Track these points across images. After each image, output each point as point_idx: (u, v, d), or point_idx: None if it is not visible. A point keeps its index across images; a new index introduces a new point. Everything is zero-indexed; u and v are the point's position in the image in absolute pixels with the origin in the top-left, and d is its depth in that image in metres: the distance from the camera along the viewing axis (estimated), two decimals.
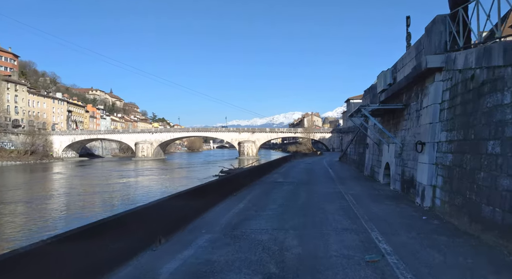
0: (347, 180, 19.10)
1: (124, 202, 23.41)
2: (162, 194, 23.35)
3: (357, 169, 26.00)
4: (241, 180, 15.99)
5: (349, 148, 32.41)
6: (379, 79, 17.54)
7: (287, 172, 24.57)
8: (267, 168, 25.33)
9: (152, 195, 23.91)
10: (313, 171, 25.44)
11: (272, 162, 31.99)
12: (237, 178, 15.94)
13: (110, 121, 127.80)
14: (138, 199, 23.77)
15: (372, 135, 19.99)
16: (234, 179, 15.44)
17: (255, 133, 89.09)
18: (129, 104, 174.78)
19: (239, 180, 15.70)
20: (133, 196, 25.94)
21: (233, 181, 14.98)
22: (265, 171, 23.84)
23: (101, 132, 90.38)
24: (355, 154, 28.01)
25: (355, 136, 28.82)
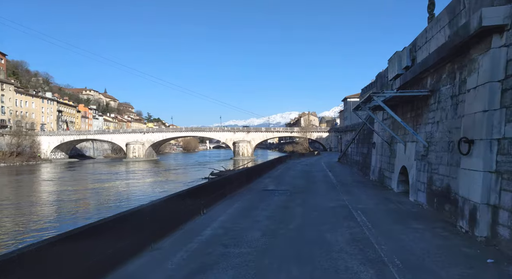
0: (351, 187, 15.67)
1: (79, 215, 19.89)
2: (116, 209, 19.82)
3: (360, 172, 22.60)
4: (221, 188, 12.52)
5: (350, 148, 29.07)
6: (391, 63, 14.12)
7: (281, 176, 21.12)
8: (259, 171, 21.91)
9: (111, 207, 20.40)
10: (311, 175, 22.02)
11: (265, 164, 28.58)
12: (216, 186, 12.43)
13: (102, 121, 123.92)
14: (95, 212, 20.26)
15: (381, 132, 16.56)
16: (211, 188, 11.89)
17: (250, 132, 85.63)
18: (123, 104, 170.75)
19: (218, 188, 12.22)
20: (93, 208, 22.42)
21: (209, 190, 11.44)
22: (256, 174, 20.42)
23: (91, 133, 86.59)
24: (358, 154, 24.62)
25: (357, 134, 25.43)
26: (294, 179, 19.40)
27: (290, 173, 23.23)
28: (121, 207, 19.67)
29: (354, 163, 26.20)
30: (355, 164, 25.76)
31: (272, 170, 26.09)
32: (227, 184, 13.98)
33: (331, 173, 22.94)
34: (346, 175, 21.13)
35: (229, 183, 14.19)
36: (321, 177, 20.51)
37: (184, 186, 24.68)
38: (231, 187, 13.93)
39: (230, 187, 13.77)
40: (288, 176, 21.36)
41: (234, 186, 14.44)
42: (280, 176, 21.14)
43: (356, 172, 23.07)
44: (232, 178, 15.34)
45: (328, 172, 23.83)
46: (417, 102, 11.56)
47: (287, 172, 23.96)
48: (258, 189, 15.16)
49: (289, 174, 22.24)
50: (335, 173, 22.56)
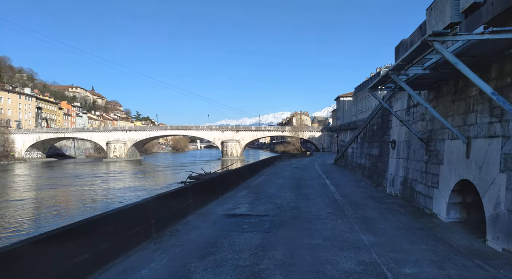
0: (366, 208, 9.99)
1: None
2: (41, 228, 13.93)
3: (368, 179, 17.01)
4: (149, 216, 6.84)
5: (350, 148, 23.52)
6: (436, 8, 8.46)
7: (263, 187, 15.40)
8: (236, 177, 16.26)
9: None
10: (303, 184, 16.34)
11: (249, 167, 22.92)
12: (150, 209, 6.80)
13: (87, 119, 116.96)
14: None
15: (415, 123, 10.92)
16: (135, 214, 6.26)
17: (240, 131, 79.83)
18: (111, 102, 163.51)
19: (143, 217, 6.56)
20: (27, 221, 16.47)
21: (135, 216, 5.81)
22: (232, 183, 14.78)
23: (69, 130, 79.91)
24: (363, 157, 19.02)
25: (362, 131, 19.82)
26: (280, 191, 13.67)
27: (277, 181, 17.50)
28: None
29: (357, 167, 20.61)
30: (359, 169, 20.16)
31: (255, 175, 20.39)
32: (179, 201, 8.36)
33: (329, 181, 17.28)
34: (351, 186, 15.46)
35: (178, 202, 8.50)
36: (317, 187, 14.82)
37: (152, 192, 18.95)
38: (174, 211, 8.21)
39: (171, 212, 8.05)
40: (272, 185, 15.63)
41: (182, 208, 8.72)
42: (262, 186, 15.41)
43: (362, 180, 17.44)
44: (187, 193, 9.62)
45: (326, 179, 18.17)
46: (501, 64, 5.96)
47: (272, 179, 18.25)
48: (219, 213, 9.42)
49: (275, 183, 16.52)
50: (335, 182, 16.90)
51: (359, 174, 19.91)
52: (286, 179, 18.45)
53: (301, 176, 20.21)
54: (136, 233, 6.40)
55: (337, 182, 16.52)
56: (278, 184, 16.15)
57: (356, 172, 20.89)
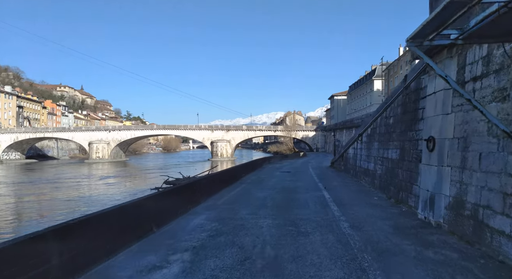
0: (405, 262, 5.30)
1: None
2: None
3: (381, 191, 12.38)
4: None
5: (352, 149, 18.91)
6: None
7: (235, 205, 10.66)
8: (202, 188, 11.62)
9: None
10: (293, 199, 11.62)
11: (227, 172, 18.29)
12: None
13: (73, 119, 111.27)
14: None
15: (483, 107, 6.22)
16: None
17: (230, 131, 75.06)
18: (101, 101, 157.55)
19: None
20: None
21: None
22: (190, 198, 10.13)
23: (49, 130, 74.39)
24: (372, 160, 14.35)
25: (370, 126, 15.19)
26: (257, 215, 8.89)
27: (258, 194, 12.73)
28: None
29: (362, 174, 15.98)
30: (364, 175, 15.52)
31: (233, 183, 15.68)
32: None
33: (328, 193, 12.56)
34: (360, 204, 10.72)
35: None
36: (312, 207, 10.09)
37: (117, 201, 14.19)
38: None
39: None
40: (249, 203, 10.85)
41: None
42: (233, 205, 10.66)
43: (372, 193, 12.77)
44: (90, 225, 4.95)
45: (323, 190, 13.45)
46: None
47: (253, 192, 13.49)
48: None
49: (254, 199, 11.76)
50: (337, 195, 12.18)
51: (365, 182, 15.27)
52: (271, 190, 13.71)
53: (291, 185, 15.48)
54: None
55: (339, 197, 11.83)
56: (258, 200, 11.40)
57: (360, 179, 16.24)
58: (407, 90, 10.57)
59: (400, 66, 62.38)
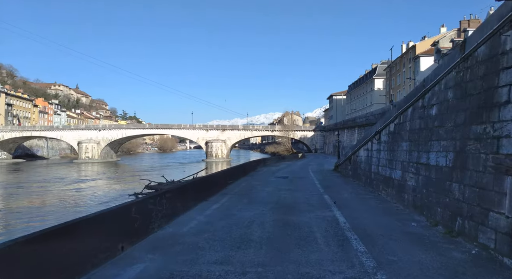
0: None
1: None
2: None
3: (417, 212, 8.59)
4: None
5: (364, 151, 15.13)
6: None
7: (207, 235, 6.81)
8: (171, 203, 7.88)
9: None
10: (291, 224, 7.76)
11: (216, 176, 14.55)
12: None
13: (65, 118, 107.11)
14: None
15: None
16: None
17: (226, 131, 71.21)
18: (97, 100, 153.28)
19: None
20: None
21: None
22: (145, 220, 6.30)
23: (36, 129, 70.29)
24: (398, 166, 10.51)
25: (393, 121, 11.35)
26: (234, 269, 5.09)
27: (242, 214, 8.85)
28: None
29: (381, 183, 12.17)
30: (385, 186, 11.72)
31: (216, 194, 11.89)
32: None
33: (343, 214, 8.70)
34: (397, 237, 6.86)
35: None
36: (325, 247, 6.18)
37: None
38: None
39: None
40: (224, 241, 6.90)
41: None
42: (203, 237, 6.82)
43: (404, 214, 8.94)
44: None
45: (333, 207, 9.58)
46: None
47: (234, 212, 9.58)
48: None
49: (235, 226, 7.84)
50: (358, 220, 8.31)
51: (386, 194, 11.46)
52: (261, 206, 9.86)
53: (289, 197, 11.64)
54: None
55: (360, 221, 8.01)
56: (241, 226, 7.54)
57: (378, 190, 12.44)
58: (468, 61, 6.78)
59: (403, 64, 58.69)
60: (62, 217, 15.10)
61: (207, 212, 9.06)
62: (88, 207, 18.08)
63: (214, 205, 10.05)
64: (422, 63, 50.45)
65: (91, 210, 13.46)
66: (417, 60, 51.08)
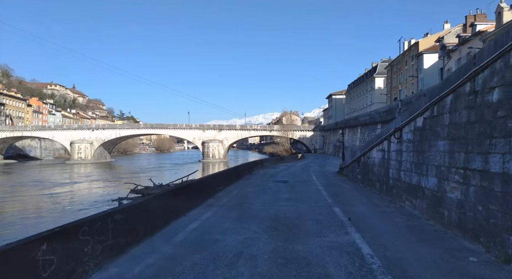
0: None
1: None
2: None
3: (469, 237, 6.13)
4: None
5: (378, 152, 12.69)
6: None
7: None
8: (136, 223, 5.44)
9: None
10: (297, 261, 5.33)
11: (202, 182, 12.05)
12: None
13: (61, 117, 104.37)
14: None
15: None
16: None
17: (223, 131, 68.74)
18: (93, 100, 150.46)
19: None
20: None
21: None
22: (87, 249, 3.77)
23: (27, 129, 67.63)
24: (434, 173, 8.08)
25: (427, 110, 8.88)
26: None
27: (225, 244, 6.37)
28: None
29: (405, 192, 9.71)
30: (409, 195, 9.27)
31: (200, 205, 9.43)
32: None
33: (364, 238, 6.26)
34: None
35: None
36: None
37: None
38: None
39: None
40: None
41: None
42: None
43: (449, 238, 6.49)
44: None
45: (351, 230, 7.10)
46: None
47: (217, 242, 7.11)
48: None
49: (211, 264, 5.39)
50: (389, 250, 5.88)
51: (412, 206, 8.99)
52: (254, 226, 7.38)
53: (290, 211, 9.13)
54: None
55: (394, 256, 5.54)
56: (222, 265, 5.05)
57: (399, 200, 9.97)
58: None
59: (405, 62, 56.28)
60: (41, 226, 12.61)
61: (179, 236, 6.57)
62: (42, 222, 15.18)
63: (193, 224, 7.56)
64: (426, 60, 48.20)
65: (41, 226, 10.94)
66: (420, 58, 48.80)
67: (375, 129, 33.86)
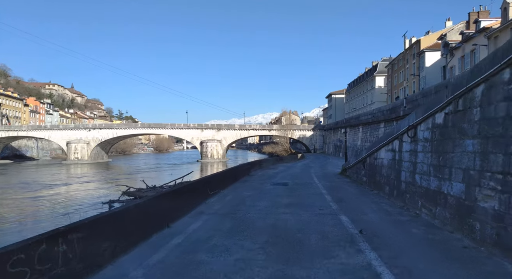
0: None
1: None
2: None
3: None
4: None
5: (386, 152, 11.51)
6: None
7: None
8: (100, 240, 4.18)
9: None
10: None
11: (192, 186, 10.82)
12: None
13: (58, 117, 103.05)
14: None
15: None
16: None
17: (221, 130, 67.53)
18: (92, 100, 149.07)
19: None
20: None
21: None
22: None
23: (23, 128, 66.35)
24: (461, 177, 6.90)
25: (450, 104, 7.65)
26: None
27: (209, 277, 5.19)
28: None
29: (421, 198, 8.53)
30: (427, 202, 8.10)
31: (187, 214, 8.21)
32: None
33: (385, 264, 5.07)
34: None
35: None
36: None
37: None
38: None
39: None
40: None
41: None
42: None
43: (488, 260, 5.28)
44: None
45: (365, 247, 5.91)
46: None
47: (197, 267, 5.93)
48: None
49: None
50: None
51: (430, 215, 7.79)
52: (249, 239, 6.17)
53: (291, 221, 7.86)
54: None
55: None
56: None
57: (412, 207, 8.78)
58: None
59: (407, 60, 55.09)
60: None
61: (156, 257, 5.34)
62: (5, 233, 13.74)
63: (176, 239, 6.34)
64: (428, 58, 47.08)
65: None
66: (422, 56, 47.69)
67: (377, 128, 32.71)
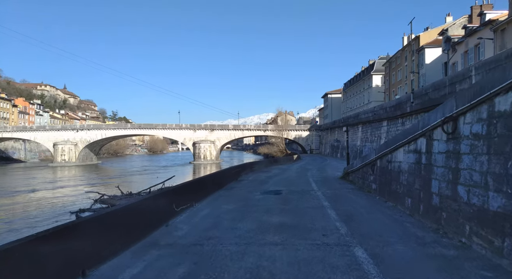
0: None
1: None
2: None
3: None
4: None
5: (406, 154, 8.89)
6: None
7: None
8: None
9: None
10: None
11: (160, 198, 7.96)
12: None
13: (49, 118, 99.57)
14: None
15: None
16: None
17: (215, 131, 64.72)
18: (85, 101, 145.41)
19: None
20: None
21: None
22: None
23: (7, 129, 63.08)
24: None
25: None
26: None
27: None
28: None
29: (474, 223, 5.88)
30: (485, 229, 5.47)
31: (127, 250, 5.40)
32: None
33: None
34: None
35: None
36: None
37: None
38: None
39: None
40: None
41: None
42: None
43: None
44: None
45: None
46: None
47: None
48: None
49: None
50: None
51: (489, 249, 5.12)
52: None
53: (281, 263, 5.09)
54: None
55: None
56: None
57: (455, 232, 6.10)
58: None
59: (405, 57, 52.68)
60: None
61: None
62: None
63: None
64: (427, 55, 44.71)
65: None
66: (422, 52, 45.29)
67: (379, 127, 30.18)
